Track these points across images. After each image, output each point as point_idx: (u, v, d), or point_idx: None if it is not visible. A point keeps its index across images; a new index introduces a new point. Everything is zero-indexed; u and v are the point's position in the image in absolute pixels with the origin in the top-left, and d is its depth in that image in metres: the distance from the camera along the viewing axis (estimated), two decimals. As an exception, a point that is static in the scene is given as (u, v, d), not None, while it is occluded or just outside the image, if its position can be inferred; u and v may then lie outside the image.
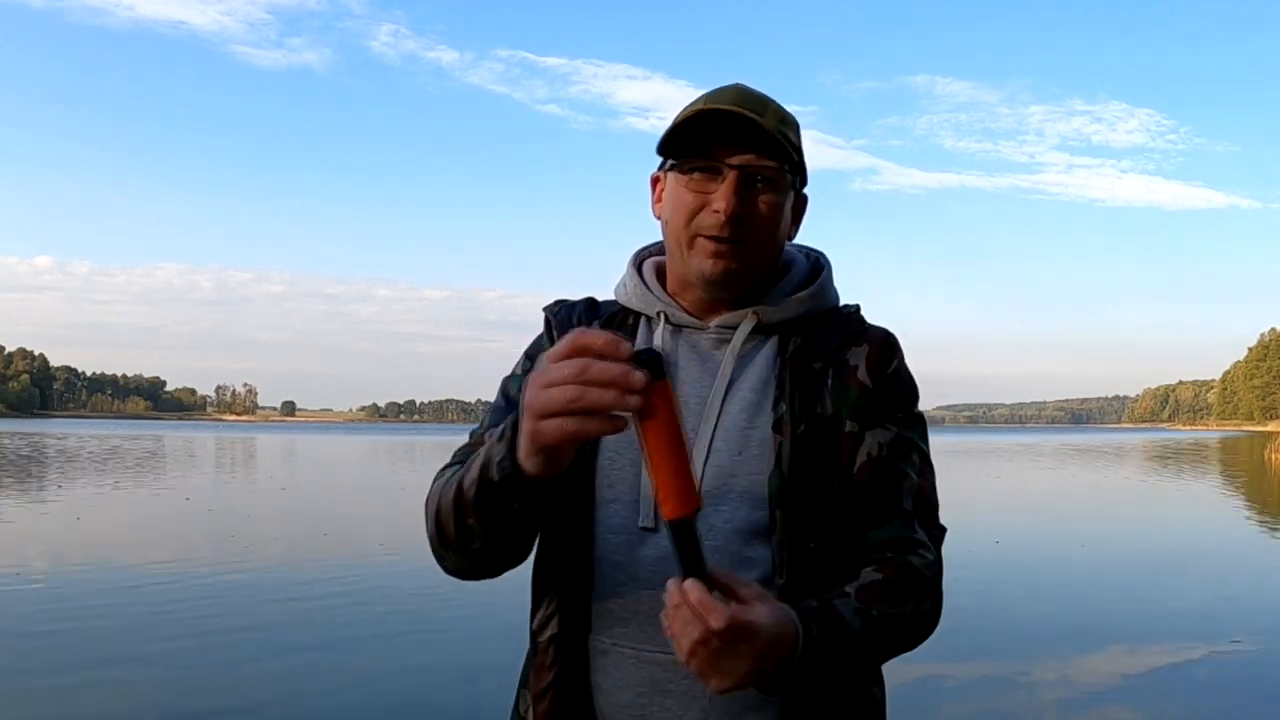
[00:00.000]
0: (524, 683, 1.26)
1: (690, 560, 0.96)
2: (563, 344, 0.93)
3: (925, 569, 1.17)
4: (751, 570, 1.15)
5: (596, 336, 0.92)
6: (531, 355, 1.32)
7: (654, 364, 0.91)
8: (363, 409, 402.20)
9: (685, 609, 0.95)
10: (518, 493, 1.03)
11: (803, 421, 1.18)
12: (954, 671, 6.21)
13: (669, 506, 0.93)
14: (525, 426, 0.97)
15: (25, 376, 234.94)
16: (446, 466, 1.24)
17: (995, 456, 43.68)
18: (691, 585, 0.95)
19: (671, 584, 0.97)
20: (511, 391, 1.29)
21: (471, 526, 1.10)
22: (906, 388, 1.26)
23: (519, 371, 1.32)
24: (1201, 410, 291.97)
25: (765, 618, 0.99)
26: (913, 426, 1.25)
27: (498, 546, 1.12)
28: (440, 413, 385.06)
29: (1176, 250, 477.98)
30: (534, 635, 1.25)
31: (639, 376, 0.90)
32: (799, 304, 1.27)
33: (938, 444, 1.42)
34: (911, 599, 1.14)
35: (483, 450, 1.08)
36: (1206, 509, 19.84)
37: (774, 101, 1.23)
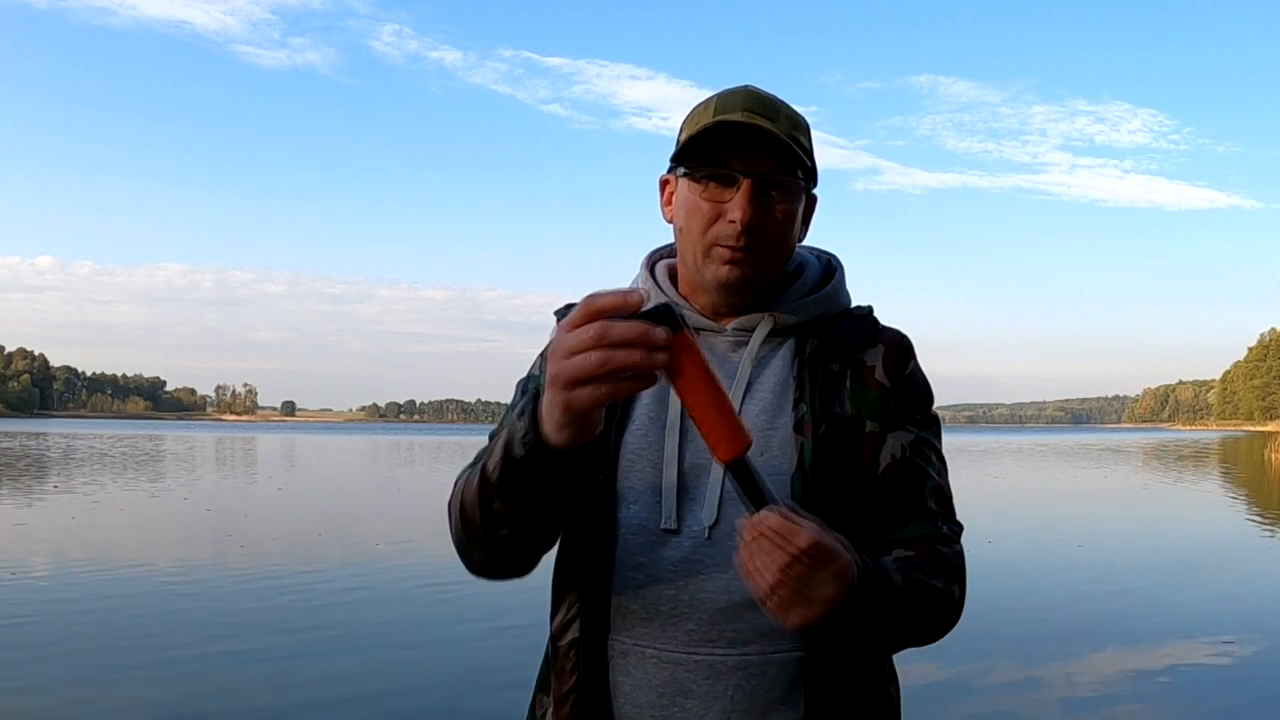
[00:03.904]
0: (542, 687, 1.26)
1: (756, 496, 0.95)
2: (576, 311, 0.93)
3: (953, 557, 1.19)
4: None
5: (606, 296, 0.93)
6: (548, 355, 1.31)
7: (669, 318, 0.91)
8: (363, 409, 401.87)
9: (764, 539, 0.94)
10: (544, 466, 1.02)
11: (824, 422, 1.19)
12: (951, 671, 6.20)
13: (721, 450, 0.94)
14: (555, 398, 0.96)
15: (25, 376, 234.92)
16: (468, 467, 1.24)
17: (993, 456, 43.70)
18: (768, 513, 0.94)
19: (742, 521, 0.97)
20: (531, 390, 1.28)
21: (498, 510, 1.08)
22: (923, 389, 1.28)
23: (536, 372, 1.31)
24: (1201, 410, 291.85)
25: (836, 541, 0.99)
26: (929, 427, 1.27)
27: (525, 531, 1.10)
28: (440, 413, 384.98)
29: (1178, 250, 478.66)
30: (554, 638, 1.24)
31: (660, 332, 0.90)
32: (814, 306, 1.28)
33: (937, 444, 1.42)
34: (943, 577, 1.16)
35: (504, 433, 1.07)
36: (1206, 509, 19.82)
37: (785, 104, 1.22)
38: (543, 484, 1.03)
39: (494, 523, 1.10)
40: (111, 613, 8.10)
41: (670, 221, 1.29)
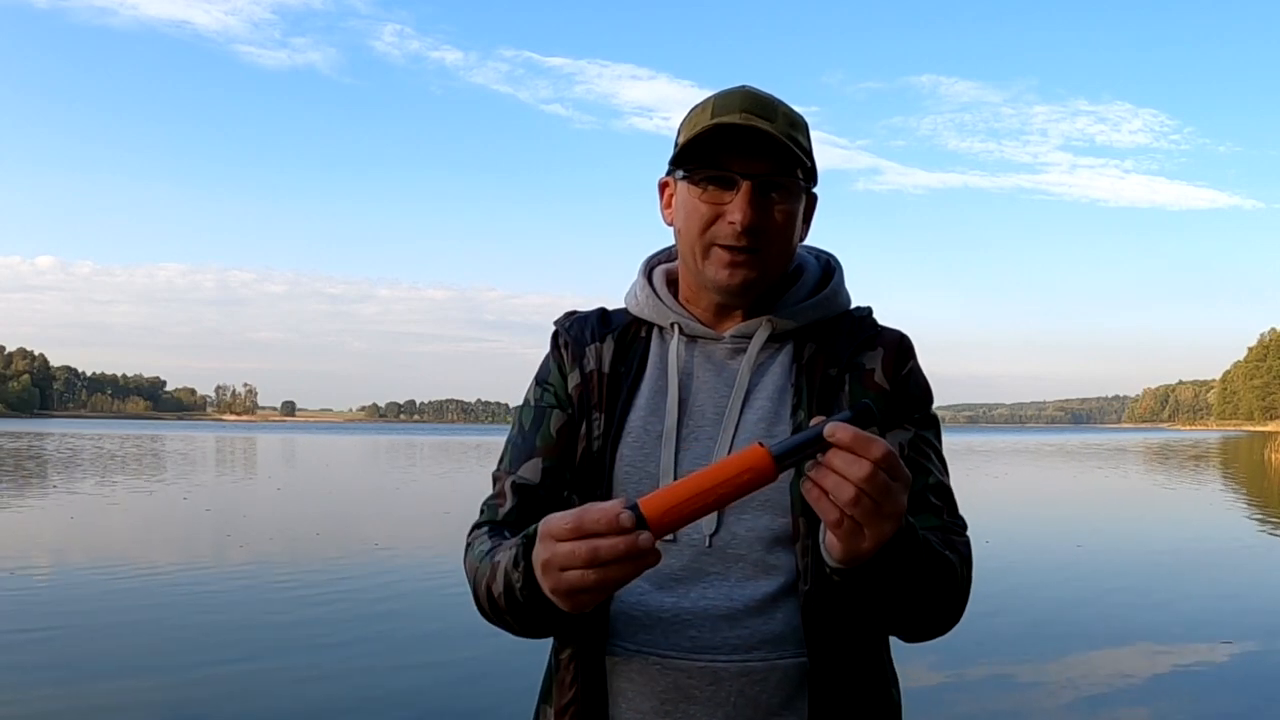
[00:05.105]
0: (544, 697, 1.27)
1: (812, 448, 0.93)
2: (567, 524, 0.95)
3: (961, 545, 1.19)
4: (776, 576, 1.16)
5: (599, 521, 0.93)
6: (541, 381, 1.32)
7: (641, 517, 0.93)
8: (363, 409, 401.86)
9: (840, 453, 0.91)
10: (545, 611, 1.06)
11: None
12: (952, 671, 6.20)
13: (764, 479, 0.93)
14: (559, 601, 1.00)
15: (25, 376, 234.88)
16: (476, 525, 1.27)
17: (994, 456, 43.69)
18: (837, 425, 0.92)
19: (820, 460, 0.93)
20: (525, 423, 1.30)
21: (511, 623, 1.16)
22: (922, 389, 1.27)
23: (531, 400, 1.31)
24: (1201, 410, 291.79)
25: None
26: (929, 427, 1.26)
27: (543, 632, 1.17)
28: (440, 413, 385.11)
29: (1178, 250, 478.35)
30: (554, 650, 1.25)
31: (646, 538, 0.92)
32: (812, 310, 1.27)
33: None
34: (955, 554, 1.14)
35: (501, 568, 1.11)
36: (1206, 509, 19.80)
37: (782, 103, 1.22)
38: (555, 612, 1.07)
39: (510, 628, 1.18)
40: (110, 612, 8.09)
41: (670, 224, 1.29)
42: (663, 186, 1.30)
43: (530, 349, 1.36)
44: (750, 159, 1.18)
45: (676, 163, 1.23)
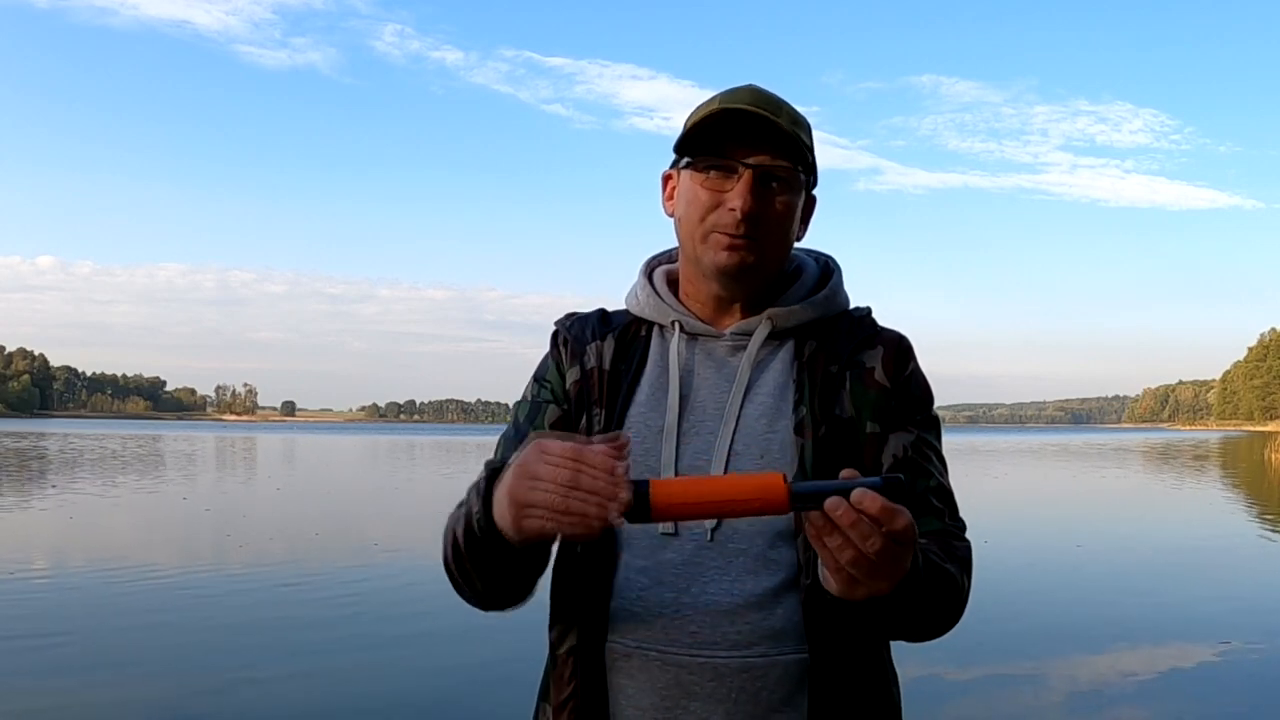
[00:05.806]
0: (544, 695, 1.27)
1: (825, 496, 0.93)
2: (562, 449, 0.96)
3: (961, 550, 1.20)
4: (777, 571, 1.17)
5: (596, 455, 0.95)
6: (539, 378, 1.33)
7: (641, 497, 0.94)
8: (363, 409, 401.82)
9: (863, 521, 0.92)
10: (502, 546, 1.06)
11: (823, 424, 1.20)
12: (952, 671, 6.20)
13: (774, 508, 0.93)
14: (509, 513, 1.01)
15: (25, 376, 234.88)
16: (457, 507, 1.27)
17: (994, 456, 43.69)
18: (863, 494, 0.92)
19: (835, 506, 0.92)
20: (520, 417, 1.30)
21: (470, 570, 1.15)
22: (923, 390, 1.28)
23: (529, 396, 1.32)
24: (1201, 410, 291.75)
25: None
26: (930, 428, 1.27)
27: (499, 588, 1.16)
28: (440, 413, 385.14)
29: (1178, 250, 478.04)
30: (553, 647, 1.25)
31: (626, 494, 0.93)
32: (812, 308, 1.28)
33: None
34: (955, 564, 1.16)
35: (466, 507, 1.12)
36: (1206, 509, 19.81)
37: (787, 103, 1.24)
38: (505, 556, 1.08)
39: (469, 577, 1.16)
40: (109, 613, 8.09)
41: (671, 215, 1.30)
42: (666, 180, 1.31)
43: (530, 349, 1.37)
44: (753, 149, 1.20)
45: (681, 149, 1.24)
